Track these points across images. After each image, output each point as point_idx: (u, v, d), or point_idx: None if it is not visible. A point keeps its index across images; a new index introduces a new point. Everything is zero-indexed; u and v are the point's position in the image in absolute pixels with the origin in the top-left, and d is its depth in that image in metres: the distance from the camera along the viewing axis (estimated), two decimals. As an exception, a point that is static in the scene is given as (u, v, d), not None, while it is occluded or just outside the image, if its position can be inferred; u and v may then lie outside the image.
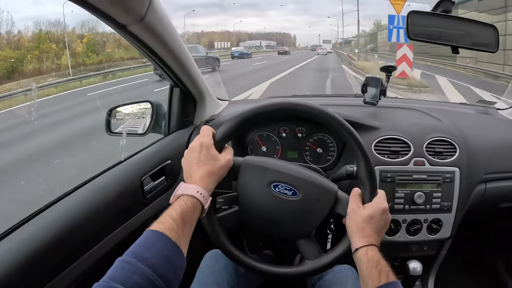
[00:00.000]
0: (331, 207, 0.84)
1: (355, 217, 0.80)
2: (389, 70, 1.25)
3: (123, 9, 0.81)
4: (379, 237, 0.79)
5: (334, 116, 0.83)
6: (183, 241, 0.67)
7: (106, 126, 1.26)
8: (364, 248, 0.76)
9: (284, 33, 73.61)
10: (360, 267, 0.75)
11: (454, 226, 1.14)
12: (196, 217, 0.73)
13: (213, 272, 0.99)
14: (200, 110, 1.31)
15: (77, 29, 21.93)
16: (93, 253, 0.88)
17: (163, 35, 0.94)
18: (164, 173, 1.14)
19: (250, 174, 0.86)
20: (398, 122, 1.21)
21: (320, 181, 0.86)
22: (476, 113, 1.39)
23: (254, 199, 0.86)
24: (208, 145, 0.80)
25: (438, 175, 1.11)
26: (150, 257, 0.60)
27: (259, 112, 0.84)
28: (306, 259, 0.86)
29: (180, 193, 0.73)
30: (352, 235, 0.79)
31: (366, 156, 0.82)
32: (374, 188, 0.82)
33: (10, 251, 0.72)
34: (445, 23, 1.06)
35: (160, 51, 0.99)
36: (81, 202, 0.90)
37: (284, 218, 0.85)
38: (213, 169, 0.78)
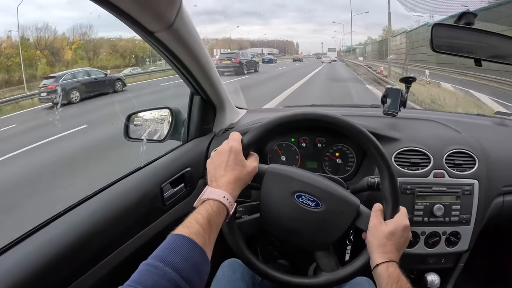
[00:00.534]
0: (352, 221, 0.84)
1: (376, 233, 0.80)
2: (409, 82, 1.26)
3: (153, 16, 0.82)
4: (398, 254, 0.79)
5: (362, 129, 0.83)
6: (209, 246, 0.66)
7: (124, 131, 1.26)
8: (385, 264, 0.75)
9: (287, 41, 73.68)
10: (380, 283, 0.75)
11: (472, 238, 1.13)
12: (221, 222, 0.72)
13: (230, 281, 0.98)
14: (219, 118, 1.31)
15: (68, 35, 20.17)
16: (111, 259, 0.88)
17: (189, 42, 0.95)
18: (184, 180, 1.14)
19: (274, 182, 0.85)
20: (418, 133, 1.20)
21: (343, 194, 0.86)
22: (493, 125, 1.39)
23: (276, 208, 0.85)
24: (237, 150, 0.79)
25: (457, 187, 1.11)
26: (177, 262, 0.59)
27: (288, 121, 0.84)
28: (323, 271, 0.86)
29: (206, 197, 0.72)
30: (373, 250, 0.79)
31: (391, 172, 0.82)
32: (396, 205, 0.82)
33: (30, 254, 0.72)
34: (467, 35, 1.07)
35: (185, 58, 1.00)
36: (101, 207, 0.91)
37: (305, 229, 0.85)
38: (240, 175, 0.77)
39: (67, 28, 24.20)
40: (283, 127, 0.85)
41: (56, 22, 34.48)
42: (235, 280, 0.98)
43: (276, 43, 66.19)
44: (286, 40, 74.06)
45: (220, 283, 0.98)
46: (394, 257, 0.77)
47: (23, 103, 9.72)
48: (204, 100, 1.23)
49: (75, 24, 23.26)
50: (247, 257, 0.86)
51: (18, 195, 3.53)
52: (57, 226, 0.81)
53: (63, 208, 0.87)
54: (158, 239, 1.03)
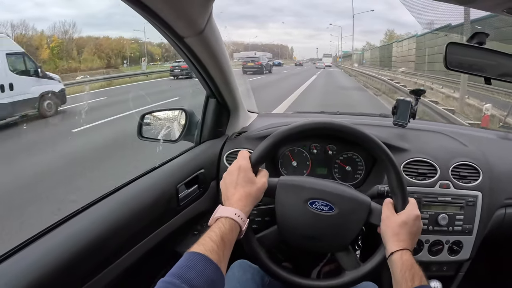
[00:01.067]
0: (366, 218, 0.87)
1: (389, 223, 0.83)
2: (419, 94, 1.30)
3: (186, 22, 0.83)
4: (412, 243, 0.82)
5: (365, 132, 0.89)
6: (223, 262, 0.69)
7: (138, 130, 1.27)
8: (399, 252, 0.79)
9: (282, 45, 73.38)
10: (394, 270, 0.78)
11: (474, 248, 1.18)
12: (234, 239, 0.75)
13: (240, 282, 1.00)
14: (233, 121, 1.33)
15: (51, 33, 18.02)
16: (128, 257, 0.89)
17: (215, 49, 0.97)
18: (197, 182, 1.16)
19: (287, 193, 0.89)
20: (426, 145, 1.24)
21: (353, 194, 0.90)
22: (497, 138, 1.44)
23: (292, 217, 0.88)
24: (246, 168, 0.83)
25: (461, 198, 1.15)
26: (193, 278, 0.62)
27: (292, 133, 0.89)
28: (346, 271, 0.89)
29: (219, 215, 0.75)
30: (387, 240, 0.83)
31: (396, 168, 0.87)
32: (405, 197, 0.86)
33: (49, 251, 0.73)
34: (478, 54, 1.11)
35: (208, 63, 1.02)
36: (119, 205, 0.92)
37: (323, 233, 0.88)
38: (250, 192, 0.81)
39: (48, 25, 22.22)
40: (289, 139, 0.89)
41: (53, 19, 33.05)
42: (245, 280, 1.00)
43: (270, 47, 65.77)
44: (280, 44, 73.56)
45: (231, 283, 1.00)
46: (407, 245, 0.80)
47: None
48: (219, 103, 1.25)
49: (56, 22, 21.65)
50: (273, 269, 0.89)
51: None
52: (75, 223, 0.82)
53: (81, 206, 0.88)
54: (171, 238, 1.06)
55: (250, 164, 0.84)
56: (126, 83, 13.12)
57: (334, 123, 0.90)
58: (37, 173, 3.99)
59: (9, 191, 3.44)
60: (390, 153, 0.88)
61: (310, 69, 29.27)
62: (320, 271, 1.42)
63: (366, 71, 22.22)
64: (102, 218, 0.85)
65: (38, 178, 3.88)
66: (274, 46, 68.72)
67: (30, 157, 4.43)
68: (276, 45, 70.71)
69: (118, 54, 20.08)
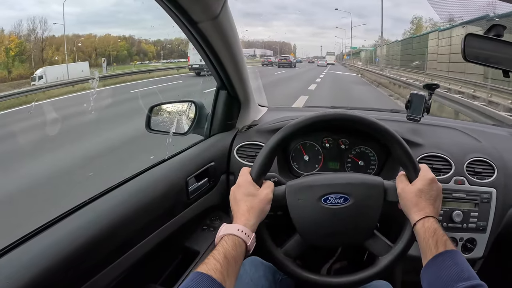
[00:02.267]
0: (383, 199, 0.85)
1: (406, 195, 0.81)
2: (432, 88, 1.28)
3: (202, 6, 0.82)
4: (434, 208, 0.80)
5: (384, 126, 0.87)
6: (229, 281, 0.67)
7: (146, 123, 1.25)
8: (421, 221, 0.77)
9: (284, 42, 72.71)
10: (418, 239, 0.76)
11: (487, 246, 1.16)
12: (240, 255, 0.73)
13: (253, 279, 0.98)
14: (243, 114, 1.31)
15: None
16: (137, 250, 0.87)
17: (228, 35, 0.95)
18: (208, 175, 1.14)
19: (297, 196, 0.86)
20: (440, 140, 1.22)
21: (364, 179, 0.88)
22: (509, 135, 1.42)
23: (310, 219, 0.86)
24: (245, 183, 0.83)
25: (476, 195, 1.13)
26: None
27: (286, 135, 0.87)
28: (379, 257, 0.86)
29: (222, 234, 0.75)
30: (408, 212, 0.80)
31: (400, 141, 0.85)
32: (415, 165, 0.84)
33: (56, 243, 0.70)
34: (495, 46, 1.09)
35: (221, 51, 1.00)
36: (128, 197, 0.89)
37: (344, 226, 0.86)
38: (252, 204, 0.80)
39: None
40: (283, 142, 0.88)
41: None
42: (257, 277, 0.98)
43: (271, 44, 65.44)
44: (282, 42, 72.85)
45: (243, 280, 0.98)
46: (429, 211, 0.78)
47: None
48: (230, 95, 1.23)
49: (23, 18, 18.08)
50: (306, 277, 0.87)
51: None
52: (83, 215, 0.79)
53: (89, 197, 0.86)
54: (180, 232, 1.03)
55: (250, 178, 0.83)
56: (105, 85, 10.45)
57: (324, 113, 0.88)
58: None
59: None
60: (389, 128, 0.86)
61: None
62: (331, 268, 1.40)
63: (379, 72, 17.11)
64: (109, 210, 0.83)
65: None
66: (275, 43, 68.41)
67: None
68: (278, 42, 70.33)
69: (103, 54, 18.39)
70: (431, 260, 0.71)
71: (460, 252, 0.71)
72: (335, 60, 40.61)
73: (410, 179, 0.84)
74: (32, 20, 15.82)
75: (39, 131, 4.52)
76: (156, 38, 25.93)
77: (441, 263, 0.70)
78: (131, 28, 61.47)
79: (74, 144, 4.39)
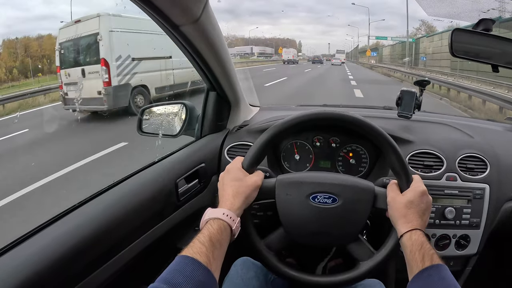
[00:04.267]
0: (371, 204, 0.85)
1: (395, 205, 0.80)
2: (423, 85, 1.27)
3: (181, 9, 0.82)
4: (422, 221, 0.79)
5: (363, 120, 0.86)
6: (214, 264, 0.67)
7: (138, 125, 1.26)
8: (408, 233, 0.76)
9: (288, 39, 71.01)
10: (405, 252, 0.76)
11: (481, 243, 1.15)
12: (225, 239, 0.73)
13: (244, 280, 0.98)
14: (234, 115, 1.31)
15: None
16: (126, 253, 0.88)
17: (212, 38, 0.95)
18: (198, 176, 1.14)
19: (287, 191, 0.86)
20: (432, 136, 1.21)
21: (355, 182, 0.87)
22: (504, 131, 1.40)
23: (296, 215, 0.86)
24: (233, 169, 0.83)
25: (469, 191, 1.12)
26: (182, 283, 0.61)
27: (282, 129, 0.86)
28: (360, 261, 0.86)
29: (207, 218, 0.75)
30: (395, 223, 0.80)
31: (395, 147, 0.84)
32: (408, 175, 0.83)
33: (45, 247, 0.71)
34: (484, 41, 1.08)
35: (206, 54, 1.00)
36: (117, 201, 0.90)
37: (330, 227, 0.85)
38: (238, 190, 0.80)
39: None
40: (279, 136, 0.87)
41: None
42: (249, 278, 0.98)
43: (276, 41, 64.33)
44: (287, 39, 71.24)
45: (234, 281, 0.98)
46: (417, 224, 0.77)
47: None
48: (219, 96, 1.23)
49: None
50: (287, 272, 0.87)
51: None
52: (72, 219, 0.80)
53: (78, 201, 0.87)
54: (171, 234, 1.04)
55: (239, 165, 0.83)
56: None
57: (322, 111, 0.87)
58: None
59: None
60: (385, 133, 0.85)
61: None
62: (326, 267, 1.40)
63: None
64: (99, 213, 0.84)
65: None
66: (280, 41, 67.00)
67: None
68: (282, 39, 68.95)
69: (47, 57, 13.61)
70: (417, 274, 0.70)
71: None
72: (344, 58, 40.16)
73: (402, 188, 0.83)
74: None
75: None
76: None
77: (427, 278, 0.69)
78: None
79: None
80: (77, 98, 6.04)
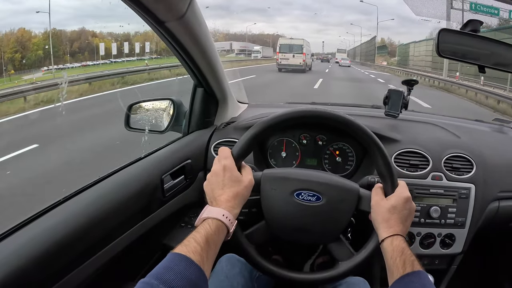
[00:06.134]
0: (355, 206, 0.85)
1: (378, 209, 0.81)
2: (411, 84, 1.27)
3: (166, 6, 0.81)
4: (404, 227, 0.79)
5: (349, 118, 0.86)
6: (207, 264, 0.67)
7: (125, 121, 1.25)
8: (389, 239, 0.77)
9: (277, 35, 68.90)
10: (385, 257, 0.76)
11: (466, 242, 1.16)
12: (221, 240, 0.73)
13: (229, 276, 0.99)
14: (221, 111, 1.31)
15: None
16: (111, 249, 0.88)
17: (198, 34, 0.95)
18: (184, 172, 1.14)
19: (272, 186, 0.86)
20: (418, 136, 1.22)
21: (341, 182, 0.87)
22: (491, 131, 1.41)
23: (279, 211, 0.86)
24: (231, 167, 0.80)
25: (454, 191, 1.13)
26: (173, 280, 0.60)
27: (272, 123, 0.85)
28: (339, 261, 0.87)
29: (206, 216, 0.73)
30: (377, 227, 0.80)
31: (382, 151, 0.84)
32: (394, 180, 0.83)
33: (29, 242, 0.71)
34: (472, 42, 1.08)
35: (192, 50, 0.99)
36: (101, 196, 0.90)
37: (312, 225, 0.86)
38: (238, 191, 0.79)
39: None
40: (273, 128, 0.87)
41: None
42: (233, 275, 0.99)
43: (264, 38, 62.19)
44: (276, 34, 68.65)
45: (219, 278, 0.98)
46: (399, 230, 0.78)
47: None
48: (207, 93, 1.22)
49: None
50: (263, 265, 0.87)
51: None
52: (56, 214, 0.80)
53: (62, 197, 0.86)
54: (157, 229, 1.04)
55: (234, 163, 0.82)
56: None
57: (314, 110, 0.87)
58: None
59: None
60: (373, 135, 0.85)
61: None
62: (314, 263, 1.41)
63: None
64: (82, 209, 0.83)
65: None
66: (267, 36, 64.43)
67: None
68: (271, 35, 66.25)
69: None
70: (398, 280, 0.71)
71: (426, 273, 0.71)
72: (349, 61, 33.37)
73: (386, 192, 0.83)
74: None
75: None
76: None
77: (408, 284, 0.69)
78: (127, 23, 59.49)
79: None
80: (285, 64, 19.38)
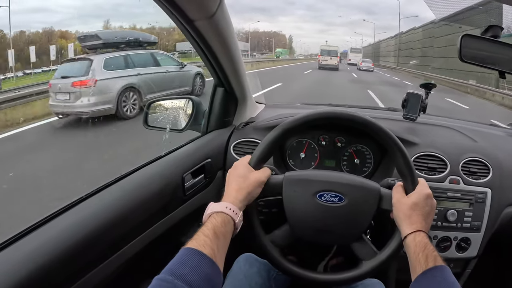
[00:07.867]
0: (377, 205, 0.86)
1: (400, 206, 0.82)
2: (429, 87, 1.28)
3: (197, 4, 0.82)
4: (426, 223, 0.80)
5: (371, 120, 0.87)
6: (219, 256, 0.68)
7: (143, 119, 1.25)
8: (412, 235, 0.77)
9: (275, 32, 62.53)
10: (408, 253, 0.77)
11: (482, 246, 1.17)
12: (229, 232, 0.74)
13: (247, 276, 0.99)
14: (240, 111, 1.31)
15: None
16: (132, 246, 0.88)
17: (225, 34, 0.95)
18: (204, 171, 1.14)
19: (294, 188, 0.87)
20: (436, 139, 1.23)
21: (362, 182, 0.88)
22: (506, 136, 1.42)
23: (302, 212, 0.86)
24: (239, 165, 0.85)
25: (471, 195, 1.14)
26: (187, 274, 0.61)
27: (292, 126, 0.87)
28: (363, 261, 0.87)
29: (211, 211, 0.76)
30: (400, 224, 0.81)
31: (402, 150, 0.85)
32: (414, 178, 0.84)
33: (52, 239, 0.71)
34: (492, 47, 1.09)
35: (217, 49, 1.00)
36: (124, 194, 0.90)
37: (335, 225, 0.86)
38: (241, 185, 0.81)
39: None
40: (293, 132, 0.88)
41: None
42: (251, 274, 0.99)
43: (261, 36, 59.26)
44: (273, 32, 63.56)
45: (237, 277, 0.99)
46: (421, 226, 0.79)
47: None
48: (227, 92, 1.23)
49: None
50: (290, 268, 0.88)
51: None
52: (78, 212, 0.80)
53: (85, 194, 0.87)
54: (177, 228, 1.04)
55: (245, 162, 0.84)
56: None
57: (337, 112, 0.88)
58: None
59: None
60: (393, 135, 0.86)
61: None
62: (327, 265, 1.41)
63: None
64: (104, 207, 0.84)
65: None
66: (264, 34, 61.30)
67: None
68: (268, 33, 62.20)
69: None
70: (421, 275, 0.72)
71: (449, 268, 0.72)
72: (372, 64, 27.73)
73: (407, 191, 0.84)
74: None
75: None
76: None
77: (431, 278, 0.70)
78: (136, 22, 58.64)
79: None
80: (324, 64, 25.77)
